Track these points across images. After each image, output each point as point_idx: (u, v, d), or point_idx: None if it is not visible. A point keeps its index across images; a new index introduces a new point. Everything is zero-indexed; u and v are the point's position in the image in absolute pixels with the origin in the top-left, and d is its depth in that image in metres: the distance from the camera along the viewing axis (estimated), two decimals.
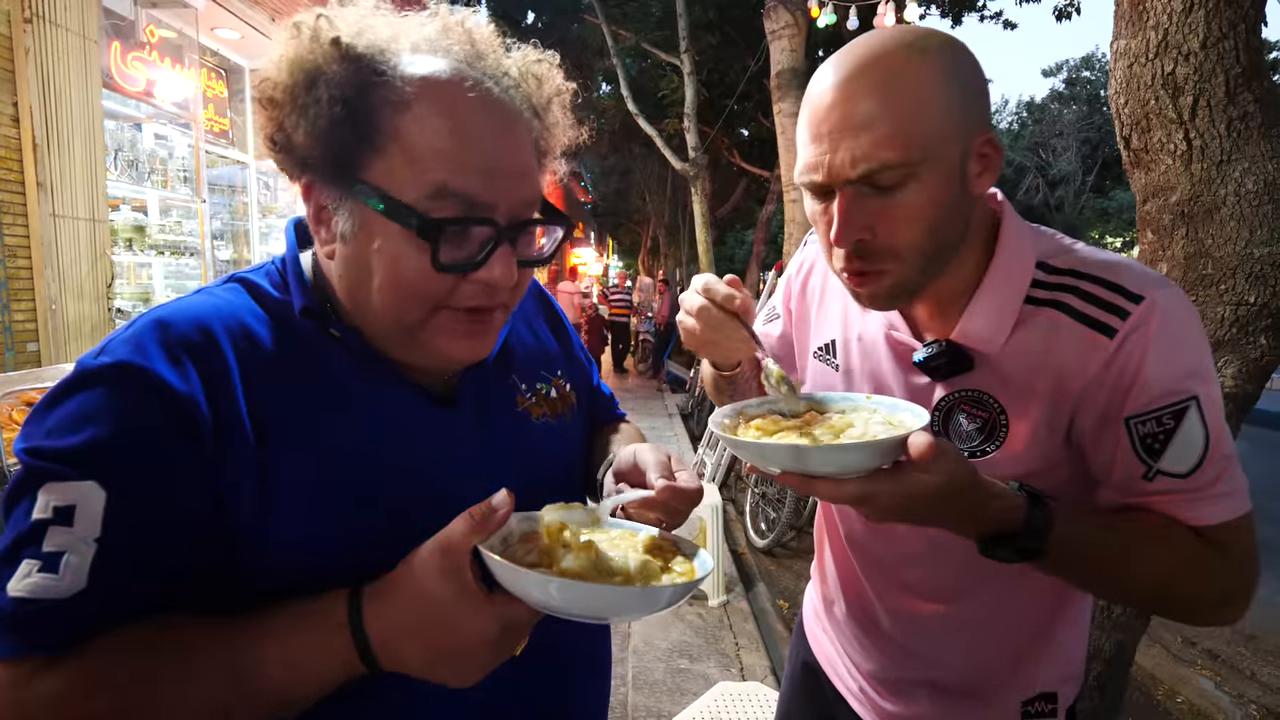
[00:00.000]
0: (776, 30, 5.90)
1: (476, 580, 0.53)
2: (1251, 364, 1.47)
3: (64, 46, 3.79)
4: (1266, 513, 4.94)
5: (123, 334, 0.58)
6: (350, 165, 0.59)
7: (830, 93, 0.73)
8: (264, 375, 0.60)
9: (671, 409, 8.87)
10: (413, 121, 0.58)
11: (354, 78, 0.58)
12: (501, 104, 0.62)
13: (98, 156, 4.04)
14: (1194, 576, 0.73)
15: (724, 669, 2.88)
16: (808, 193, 0.80)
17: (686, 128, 8.73)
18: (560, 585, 0.50)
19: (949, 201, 0.74)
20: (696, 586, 0.56)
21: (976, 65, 0.75)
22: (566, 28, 12.70)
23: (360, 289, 0.63)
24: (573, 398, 0.85)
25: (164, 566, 0.54)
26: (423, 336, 0.63)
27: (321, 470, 0.60)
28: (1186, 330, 0.73)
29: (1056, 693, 0.92)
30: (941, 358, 0.81)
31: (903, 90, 0.70)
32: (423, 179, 0.58)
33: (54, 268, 3.75)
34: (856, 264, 0.77)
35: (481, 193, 0.59)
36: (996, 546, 0.69)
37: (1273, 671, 3.05)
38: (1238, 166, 1.42)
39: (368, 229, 0.60)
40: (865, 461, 0.62)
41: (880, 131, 0.70)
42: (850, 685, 1.05)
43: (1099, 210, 29.96)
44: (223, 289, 0.66)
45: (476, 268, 0.60)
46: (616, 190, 24.02)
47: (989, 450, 0.81)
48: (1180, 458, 0.72)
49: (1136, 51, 1.50)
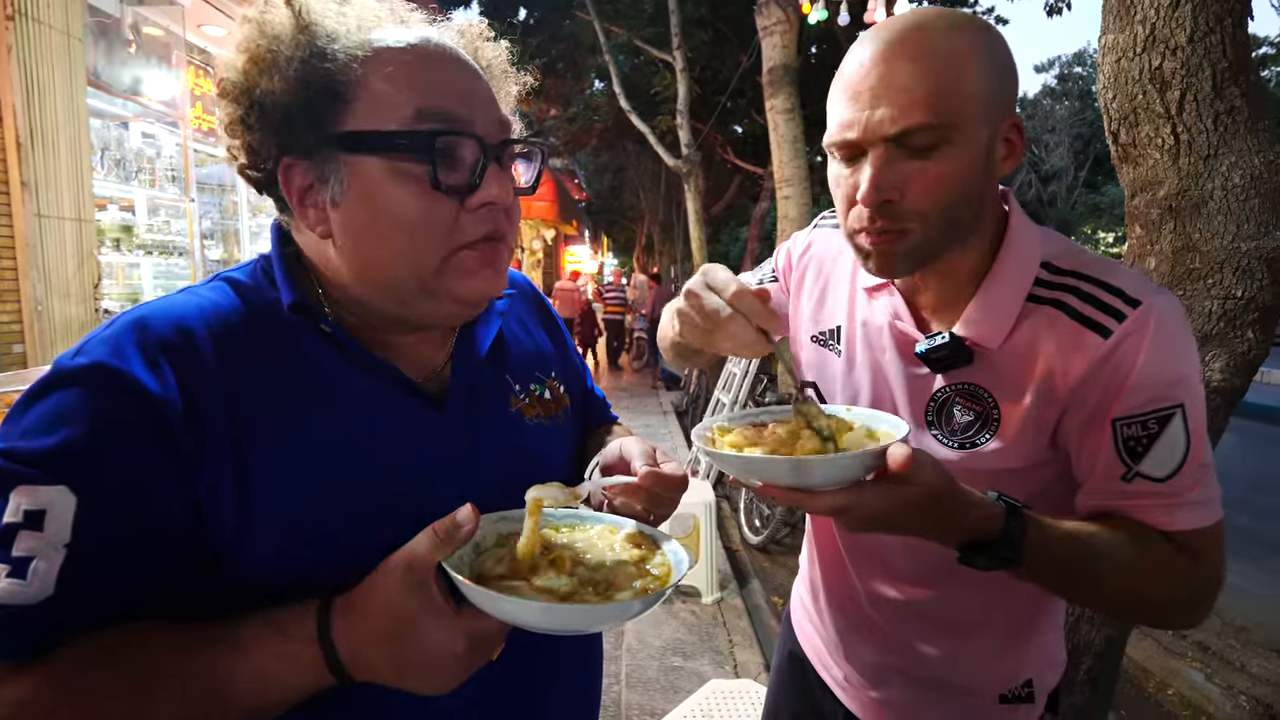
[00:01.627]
0: (768, 26, 5.89)
1: (443, 595, 0.52)
2: (1239, 358, 1.47)
3: (47, 44, 3.74)
4: (1255, 507, 4.97)
5: (101, 333, 0.57)
6: (324, 124, 0.59)
7: (871, 54, 0.74)
8: (247, 375, 0.59)
9: (666, 406, 8.86)
10: (378, 66, 0.59)
11: (312, 41, 0.59)
12: (457, 50, 0.64)
13: (83, 155, 4.00)
14: (1167, 581, 0.75)
15: (718, 666, 2.88)
16: (836, 154, 0.80)
17: (679, 125, 8.72)
18: (527, 608, 0.51)
19: (974, 175, 0.76)
20: (670, 591, 0.56)
21: (1008, 49, 0.77)
22: (558, 24, 12.63)
23: (365, 250, 0.62)
24: (566, 400, 0.84)
25: (136, 574, 0.53)
26: (437, 286, 0.63)
27: (306, 469, 0.59)
28: (1180, 338, 0.75)
29: (1033, 677, 0.94)
30: (943, 350, 0.82)
31: (943, 58, 0.72)
32: (400, 108, 0.58)
33: (39, 268, 3.71)
34: (880, 223, 0.77)
35: (460, 109, 0.60)
36: (974, 555, 0.70)
37: (1263, 663, 3.07)
38: (1225, 161, 1.42)
39: (360, 180, 0.59)
40: (845, 474, 0.62)
41: (919, 92, 0.72)
42: (835, 675, 1.07)
43: (1091, 206, 30.10)
44: (207, 288, 0.65)
45: (473, 189, 0.61)
46: (611, 188, 23.98)
47: (979, 443, 0.82)
48: (1160, 462, 0.74)
49: (1124, 46, 1.49)
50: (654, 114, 10.77)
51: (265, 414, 0.59)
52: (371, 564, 0.54)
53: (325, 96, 0.59)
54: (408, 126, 0.58)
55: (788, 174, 5.82)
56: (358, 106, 0.59)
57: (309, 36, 0.59)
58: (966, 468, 0.82)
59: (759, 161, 11.96)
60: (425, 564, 0.52)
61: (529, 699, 0.74)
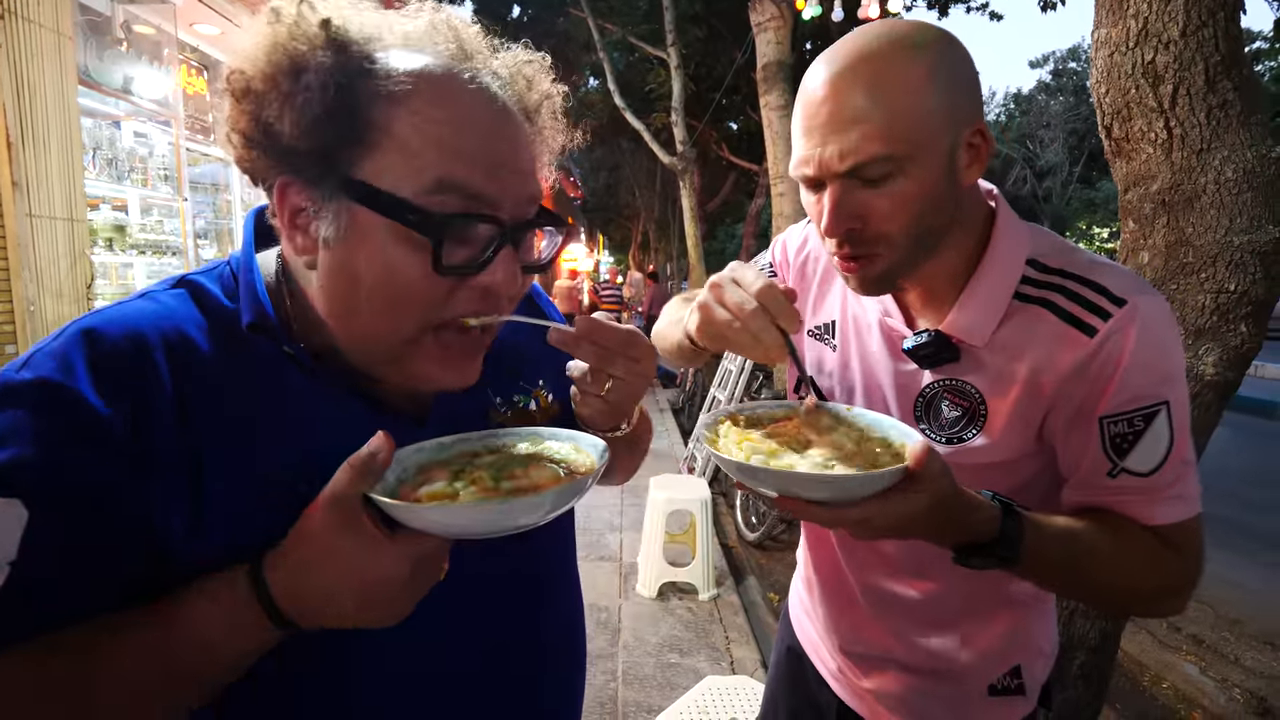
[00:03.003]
0: (762, 23, 5.88)
1: (375, 525, 0.51)
2: (1232, 351, 1.48)
3: (37, 43, 3.71)
4: (1248, 500, 5.00)
5: (49, 344, 0.53)
6: (338, 162, 0.54)
7: (821, 89, 0.75)
8: (202, 391, 0.56)
9: (663, 404, 8.87)
10: (408, 114, 0.54)
11: (344, 65, 0.54)
12: (500, 99, 0.59)
13: (75, 155, 3.97)
14: (1151, 574, 0.77)
15: (714, 663, 2.88)
16: (802, 184, 0.82)
17: (674, 122, 8.70)
18: (453, 511, 0.51)
19: (937, 191, 0.76)
20: (597, 477, 0.56)
21: (967, 58, 0.77)
22: (552, 21, 12.60)
23: (347, 298, 0.58)
24: (555, 409, 0.80)
25: (81, 591, 0.51)
26: (409, 356, 0.59)
27: (261, 491, 0.56)
28: (1165, 337, 0.76)
29: (1021, 665, 0.95)
30: (929, 347, 0.84)
31: (890, 87, 0.72)
32: (421, 172, 0.53)
33: (31, 268, 3.69)
34: (848, 249, 0.80)
35: (485, 186, 0.55)
36: (970, 555, 0.71)
37: (1256, 656, 3.09)
38: (1217, 155, 1.42)
39: (358, 231, 0.55)
40: (877, 489, 0.62)
41: (867, 127, 0.72)
42: (829, 666, 1.08)
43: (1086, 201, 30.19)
44: (167, 293, 0.61)
45: (479, 269, 0.56)
46: (606, 185, 23.94)
47: (966, 438, 0.84)
48: (1144, 459, 0.75)
49: (1117, 40, 1.49)
50: (649, 111, 10.75)
51: (220, 432, 0.56)
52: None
53: (346, 130, 0.54)
54: (423, 199, 0.53)
55: (782, 171, 5.81)
56: (378, 156, 0.54)
57: (345, 51, 0.54)
58: (954, 462, 0.82)
59: (754, 158, 11.96)
60: (349, 498, 0.50)
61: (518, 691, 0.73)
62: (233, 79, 0.56)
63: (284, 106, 0.54)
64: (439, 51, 0.59)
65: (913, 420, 0.88)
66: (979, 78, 0.79)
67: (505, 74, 0.63)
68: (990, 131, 0.78)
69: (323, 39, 0.54)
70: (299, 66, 0.53)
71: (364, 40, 0.56)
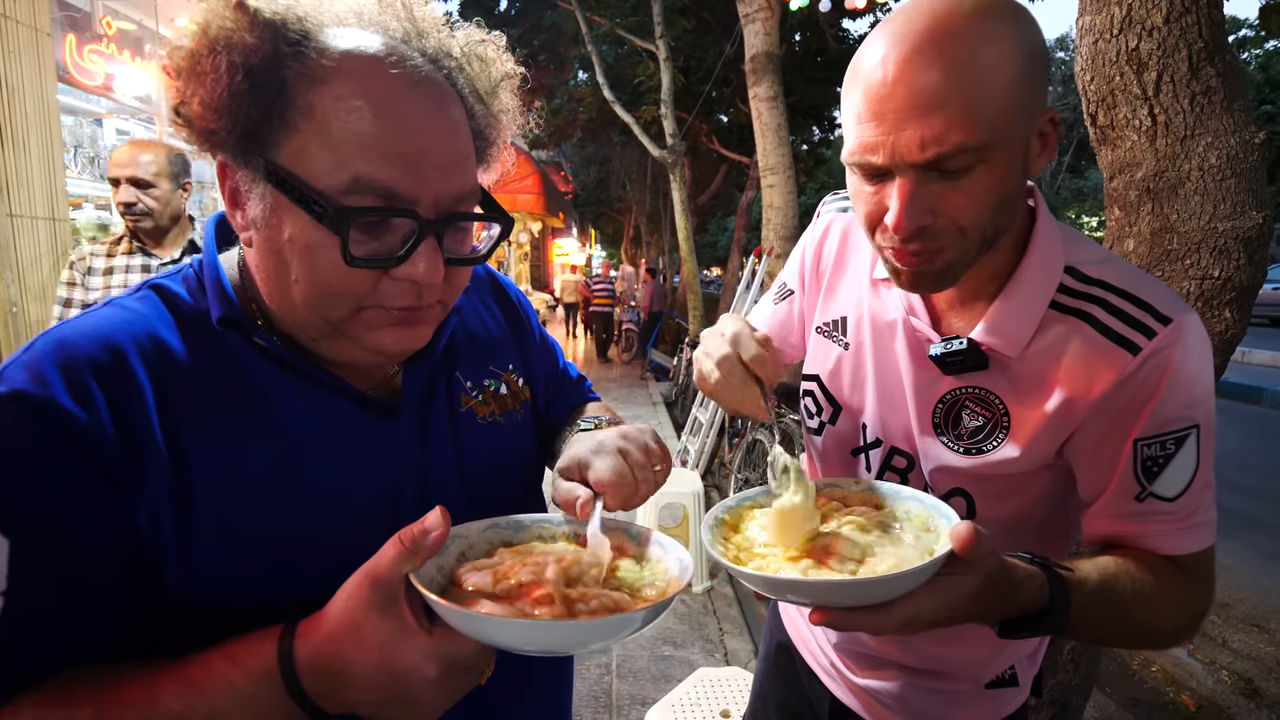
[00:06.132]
0: (750, 14, 5.85)
1: (414, 612, 0.48)
2: (1217, 337, 1.48)
3: (14, 39, 3.65)
4: (1236, 484, 5.06)
5: (20, 357, 0.52)
6: (260, 142, 0.54)
7: (892, 67, 0.65)
8: (181, 392, 0.56)
9: (656, 397, 8.86)
10: (330, 99, 0.53)
11: (261, 45, 0.53)
12: (434, 84, 0.57)
13: (55, 153, 3.91)
14: (1178, 609, 0.74)
15: (708, 655, 2.89)
16: (858, 172, 0.73)
17: (664, 114, 8.67)
18: (506, 626, 0.45)
19: (1012, 184, 0.69)
20: (673, 602, 0.52)
21: (1039, 29, 0.69)
22: (540, 14, 12.50)
23: (278, 281, 0.58)
24: (525, 393, 0.81)
25: (80, 614, 0.50)
26: (351, 332, 0.58)
27: (248, 486, 0.56)
28: (1205, 358, 0.73)
29: (1015, 664, 0.95)
30: (959, 355, 0.78)
31: (975, 67, 0.63)
32: (337, 168, 0.52)
33: (13, 269, 3.64)
34: (913, 245, 0.71)
35: (402, 183, 0.54)
36: (1017, 629, 0.67)
37: (1244, 638, 3.13)
38: (1201, 141, 1.42)
39: (279, 214, 0.55)
40: (919, 582, 0.57)
41: (951, 113, 0.63)
42: (821, 661, 1.07)
43: (1075, 190, 30.30)
44: (134, 299, 0.60)
45: (397, 263, 0.55)
46: (597, 179, 23.84)
47: (988, 449, 0.80)
48: (1172, 483, 0.72)
49: (1101, 28, 1.49)
50: (638, 104, 10.71)
51: (202, 432, 0.55)
52: (332, 584, 0.50)
53: (269, 110, 0.53)
54: (335, 194, 0.52)
55: (772, 162, 5.80)
56: (297, 139, 0.53)
57: (271, 29, 0.53)
58: (974, 474, 0.80)
59: (745, 150, 11.94)
60: (391, 578, 0.47)
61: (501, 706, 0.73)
62: (170, 54, 0.56)
63: (198, 85, 0.54)
64: (389, 29, 0.58)
65: (930, 429, 0.83)
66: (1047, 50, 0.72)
67: (459, 53, 0.62)
68: (1060, 118, 0.72)
69: (241, 19, 0.53)
70: (214, 46, 0.53)
71: (291, 19, 0.54)
